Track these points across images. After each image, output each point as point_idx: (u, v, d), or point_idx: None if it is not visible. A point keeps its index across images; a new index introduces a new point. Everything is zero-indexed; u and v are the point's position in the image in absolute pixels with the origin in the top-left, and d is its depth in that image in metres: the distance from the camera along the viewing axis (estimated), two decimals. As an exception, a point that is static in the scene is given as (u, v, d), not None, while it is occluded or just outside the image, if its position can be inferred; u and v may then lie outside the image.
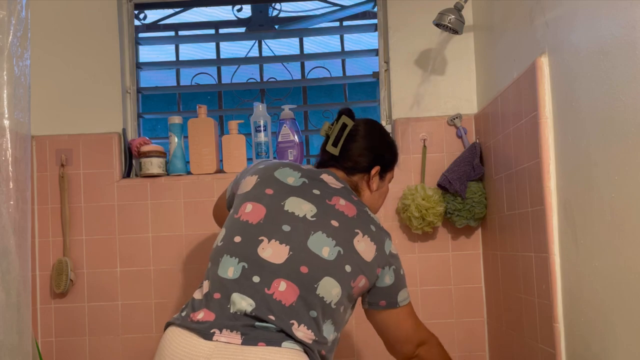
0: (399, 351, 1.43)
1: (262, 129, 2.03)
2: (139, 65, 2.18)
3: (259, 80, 2.36)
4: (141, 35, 2.24)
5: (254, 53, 2.38)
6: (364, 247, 1.26)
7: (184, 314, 1.23)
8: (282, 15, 2.33)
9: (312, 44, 2.74)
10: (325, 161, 1.43)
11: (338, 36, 2.38)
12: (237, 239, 1.25)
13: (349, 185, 1.39)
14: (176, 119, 2.06)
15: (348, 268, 1.23)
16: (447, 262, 2.00)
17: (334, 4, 2.34)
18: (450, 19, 1.76)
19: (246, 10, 2.31)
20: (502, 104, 1.70)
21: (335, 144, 1.41)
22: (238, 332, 1.14)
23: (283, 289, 1.19)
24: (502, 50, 1.73)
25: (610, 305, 1.13)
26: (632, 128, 1.02)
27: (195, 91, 2.42)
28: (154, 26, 2.28)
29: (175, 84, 2.34)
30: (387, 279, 1.32)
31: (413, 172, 2.01)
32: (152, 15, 2.29)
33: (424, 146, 2.01)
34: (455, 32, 1.78)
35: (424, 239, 2.00)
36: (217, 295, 1.20)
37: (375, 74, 2.15)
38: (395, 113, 2.05)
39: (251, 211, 1.28)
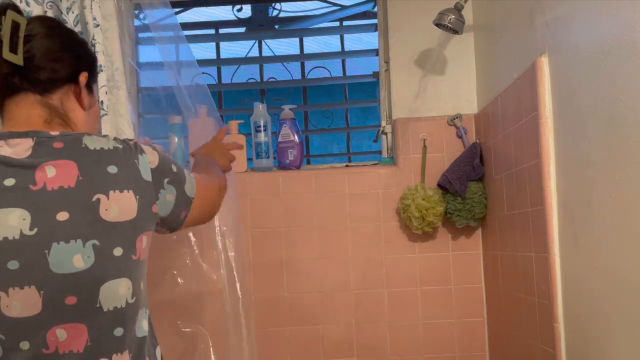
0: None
1: (262, 129, 2.03)
2: (139, 65, 2.17)
3: (259, 80, 2.36)
4: (141, 35, 2.24)
5: (254, 53, 2.38)
6: (120, 207, 0.93)
7: None
8: (282, 15, 2.33)
9: (312, 44, 2.74)
10: (6, 84, 0.97)
11: (338, 36, 2.38)
12: None
13: (43, 121, 0.98)
14: (176, 119, 2.06)
15: (118, 251, 0.93)
16: (447, 262, 2.00)
17: (334, 4, 2.34)
18: (450, 19, 1.76)
19: (246, 10, 2.31)
20: (502, 104, 1.70)
21: (14, 49, 0.94)
22: None
23: (64, 338, 0.91)
24: (502, 50, 1.73)
25: (610, 305, 1.13)
26: (632, 128, 1.02)
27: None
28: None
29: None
30: (169, 196, 1.03)
31: (413, 172, 2.01)
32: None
33: (424, 146, 2.01)
34: (455, 32, 1.78)
35: (424, 239, 2.00)
36: None
37: (375, 74, 2.16)
38: (395, 113, 2.05)
39: None
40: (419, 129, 2.02)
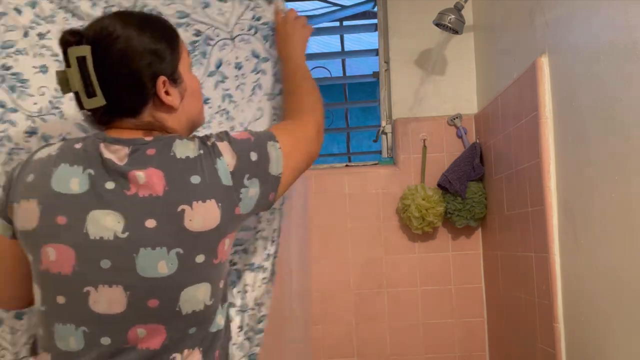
0: None
1: (262, 129, 2.03)
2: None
3: (259, 80, 2.36)
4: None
5: (254, 53, 2.38)
6: (203, 217, 0.95)
7: None
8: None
9: (312, 44, 2.74)
10: (104, 121, 1.01)
11: (338, 36, 2.38)
12: (60, 299, 0.96)
13: (142, 130, 1.01)
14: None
15: (200, 258, 0.96)
16: (447, 262, 2.00)
17: (334, 4, 2.34)
18: (450, 19, 1.76)
19: (246, 10, 2.31)
20: (502, 104, 1.70)
21: (90, 93, 0.96)
22: None
23: (143, 336, 0.95)
24: (502, 50, 1.73)
25: (610, 305, 1.13)
26: (632, 128, 1.02)
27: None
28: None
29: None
30: (252, 191, 1.01)
31: (413, 172, 2.01)
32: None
33: (424, 146, 2.01)
34: (455, 32, 1.78)
35: (424, 239, 2.00)
36: None
37: (375, 74, 2.16)
38: (395, 113, 2.05)
39: (57, 258, 0.95)
40: (419, 129, 2.02)
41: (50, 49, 1.40)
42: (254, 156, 1.02)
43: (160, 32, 1.03)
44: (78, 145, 1.00)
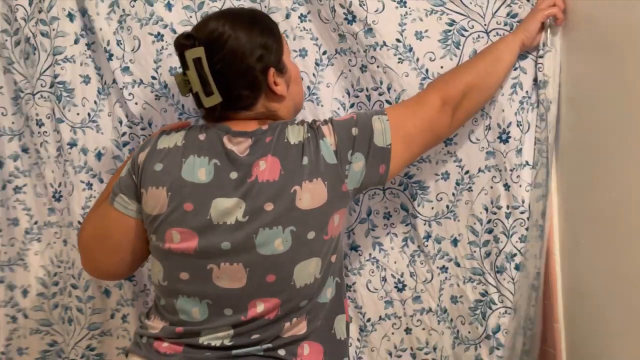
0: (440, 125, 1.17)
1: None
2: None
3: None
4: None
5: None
6: (311, 195, 1.03)
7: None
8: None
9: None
10: (222, 116, 1.11)
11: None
12: (184, 275, 1.07)
13: (258, 121, 1.10)
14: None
15: (311, 235, 1.04)
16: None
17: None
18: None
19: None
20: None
21: (208, 92, 1.05)
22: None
23: (262, 309, 1.05)
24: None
25: (611, 305, 1.13)
26: (632, 128, 1.02)
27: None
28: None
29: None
30: (357, 165, 1.07)
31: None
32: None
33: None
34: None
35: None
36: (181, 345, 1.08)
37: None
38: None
39: (181, 241, 1.05)
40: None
41: (93, 59, 1.41)
42: (354, 131, 1.08)
43: (265, 26, 1.12)
44: (202, 137, 1.09)
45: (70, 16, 1.39)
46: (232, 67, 1.06)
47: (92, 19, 1.36)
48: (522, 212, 1.29)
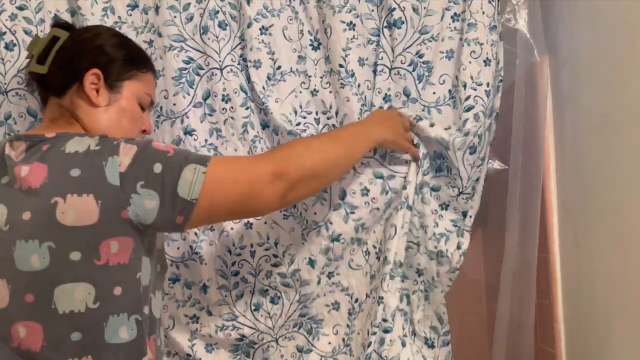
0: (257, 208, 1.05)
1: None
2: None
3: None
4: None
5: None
6: (76, 210, 0.92)
7: None
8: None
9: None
10: (42, 98, 1.13)
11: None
12: None
13: (61, 116, 1.07)
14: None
15: (75, 255, 0.93)
16: (447, 262, 2.00)
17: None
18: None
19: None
20: (502, 104, 1.70)
21: (41, 61, 1.07)
22: None
23: (24, 334, 0.93)
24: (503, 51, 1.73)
25: (611, 305, 1.13)
26: (632, 128, 1.02)
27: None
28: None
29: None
30: (148, 203, 0.95)
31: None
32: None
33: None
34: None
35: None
36: None
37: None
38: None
39: None
40: (419, 129, 2.02)
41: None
42: (157, 168, 0.96)
43: (128, 48, 1.15)
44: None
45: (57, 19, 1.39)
46: (70, 49, 1.09)
47: (86, 17, 1.35)
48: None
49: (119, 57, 1.10)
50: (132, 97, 1.11)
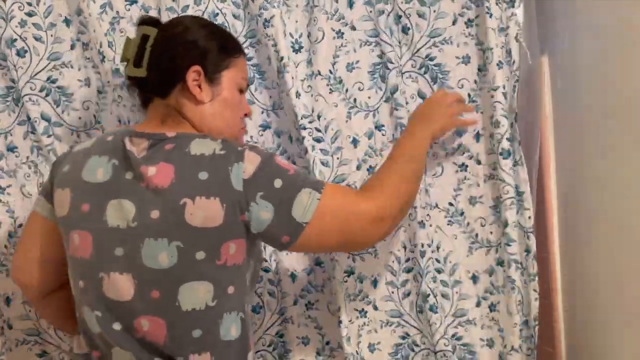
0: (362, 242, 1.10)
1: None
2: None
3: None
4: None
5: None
6: (204, 213, 0.95)
7: None
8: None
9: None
10: (143, 99, 1.11)
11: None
12: (81, 283, 1.02)
13: (167, 124, 1.06)
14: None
15: (200, 255, 0.96)
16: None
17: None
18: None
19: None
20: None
21: (137, 64, 1.05)
22: None
23: (147, 328, 0.97)
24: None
25: (611, 306, 1.13)
26: (632, 128, 1.02)
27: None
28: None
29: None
30: (263, 214, 0.98)
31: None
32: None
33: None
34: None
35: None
36: (96, 354, 1.03)
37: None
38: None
39: (79, 243, 1.01)
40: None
41: (92, 60, 1.40)
42: (278, 183, 0.99)
43: (220, 36, 1.11)
44: (109, 138, 1.06)
45: (67, 21, 1.39)
46: (164, 47, 1.06)
47: (87, 20, 1.36)
48: (432, 252, 1.31)
49: (213, 49, 1.08)
50: (232, 86, 1.11)
